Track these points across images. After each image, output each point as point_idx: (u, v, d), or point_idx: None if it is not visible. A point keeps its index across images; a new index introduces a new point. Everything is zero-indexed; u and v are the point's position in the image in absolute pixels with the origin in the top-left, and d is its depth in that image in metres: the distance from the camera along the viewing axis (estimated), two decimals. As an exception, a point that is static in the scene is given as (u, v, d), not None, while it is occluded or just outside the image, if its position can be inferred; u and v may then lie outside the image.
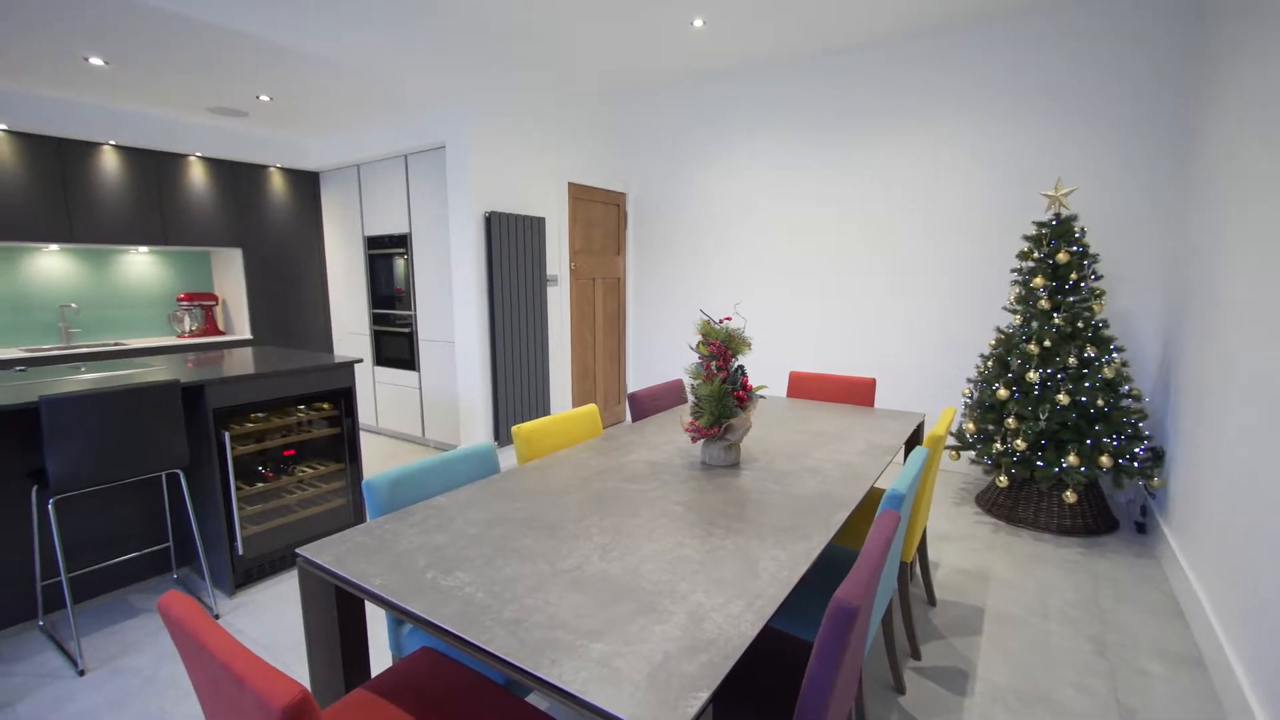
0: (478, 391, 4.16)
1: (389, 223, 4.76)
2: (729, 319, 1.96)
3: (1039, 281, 3.12)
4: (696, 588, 1.20)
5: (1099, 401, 2.93)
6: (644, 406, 2.74)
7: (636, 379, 5.60)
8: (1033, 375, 3.05)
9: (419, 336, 4.73)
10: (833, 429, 2.44)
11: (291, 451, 2.86)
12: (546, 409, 4.62)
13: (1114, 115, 3.43)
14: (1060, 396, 2.94)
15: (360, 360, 3.02)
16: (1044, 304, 3.09)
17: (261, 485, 2.74)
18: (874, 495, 2.45)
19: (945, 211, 3.97)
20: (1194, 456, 2.51)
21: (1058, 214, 3.17)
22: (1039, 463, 3.04)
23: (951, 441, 4.11)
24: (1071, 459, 2.91)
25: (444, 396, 4.61)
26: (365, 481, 1.61)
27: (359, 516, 3.11)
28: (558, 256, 4.68)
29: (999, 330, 3.36)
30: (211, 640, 0.86)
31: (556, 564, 1.30)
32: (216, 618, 2.46)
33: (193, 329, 4.84)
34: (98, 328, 4.49)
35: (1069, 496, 2.95)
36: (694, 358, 5.21)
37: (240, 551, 2.62)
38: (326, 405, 2.99)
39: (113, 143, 4.15)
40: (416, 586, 1.21)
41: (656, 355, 5.44)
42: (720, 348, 1.89)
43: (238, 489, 2.64)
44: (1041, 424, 3.00)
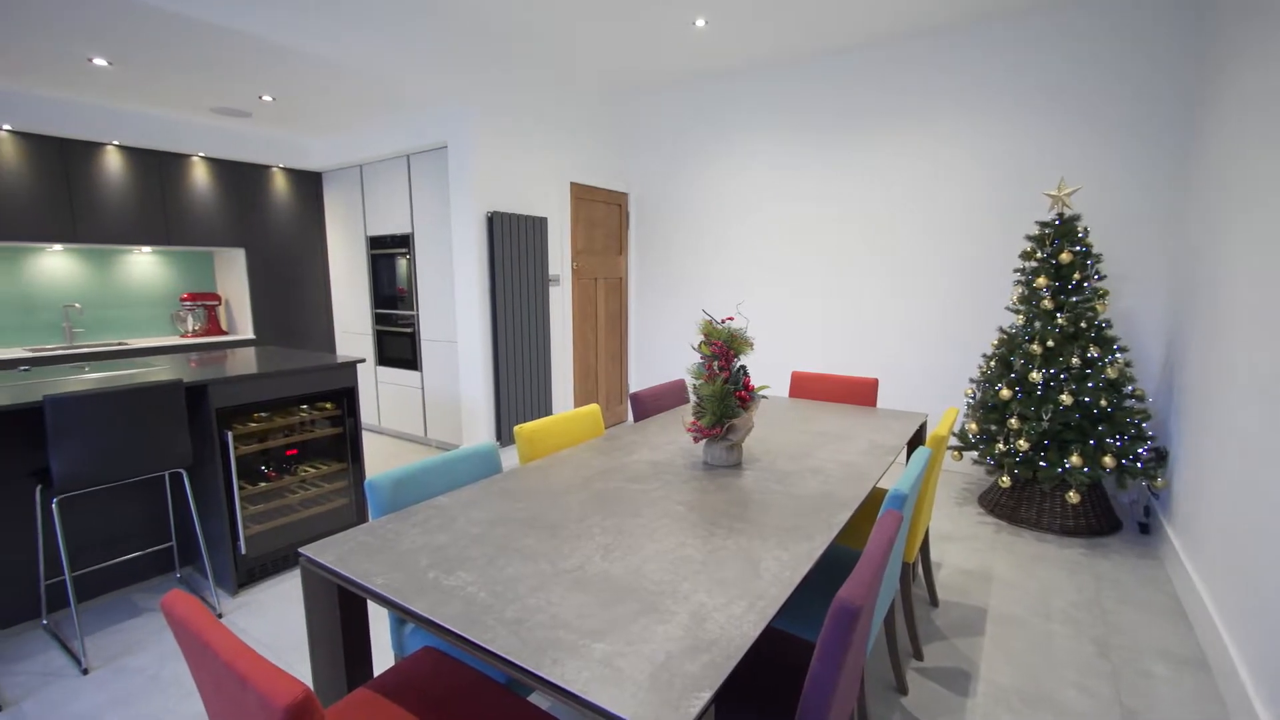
0: (480, 391, 4.16)
1: (391, 223, 4.77)
2: (731, 319, 1.96)
3: (1042, 281, 3.11)
4: (699, 588, 1.20)
5: (1102, 402, 2.93)
6: (646, 406, 2.74)
7: (638, 379, 5.60)
8: (1036, 375, 3.04)
9: (421, 336, 4.73)
10: (835, 429, 2.43)
11: (294, 451, 2.87)
12: (548, 409, 4.62)
13: (1114, 115, 3.42)
14: (1063, 397, 2.94)
15: (363, 360, 3.02)
16: (1047, 304, 3.08)
17: (264, 485, 2.75)
18: (876, 495, 2.45)
19: (946, 211, 3.97)
20: (1197, 457, 2.50)
21: (1061, 214, 3.16)
22: (1042, 463, 3.04)
23: (954, 442, 4.11)
24: (1074, 459, 2.90)
25: (446, 396, 4.62)
26: (368, 481, 1.62)
27: (361, 516, 3.12)
28: (560, 256, 4.68)
29: (1002, 330, 3.36)
30: (215, 639, 0.87)
31: (558, 564, 1.30)
32: (219, 617, 2.46)
33: (196, 329, 4.85)
34: (101, 327, 4.50)
35: (1072, 497, 2.95)
36: (696, 357, 5.20)
37: (243, 551, 2.63)
38: (329, 405, 2.99)
39: (116, 143, 4.17)
40: (419, 586, 1.21)
41: (658, 355, 5.44)
42: (722, 348, 1.89)
43: (240, 488, 2.65)
44: (1044, 424, 3.00)
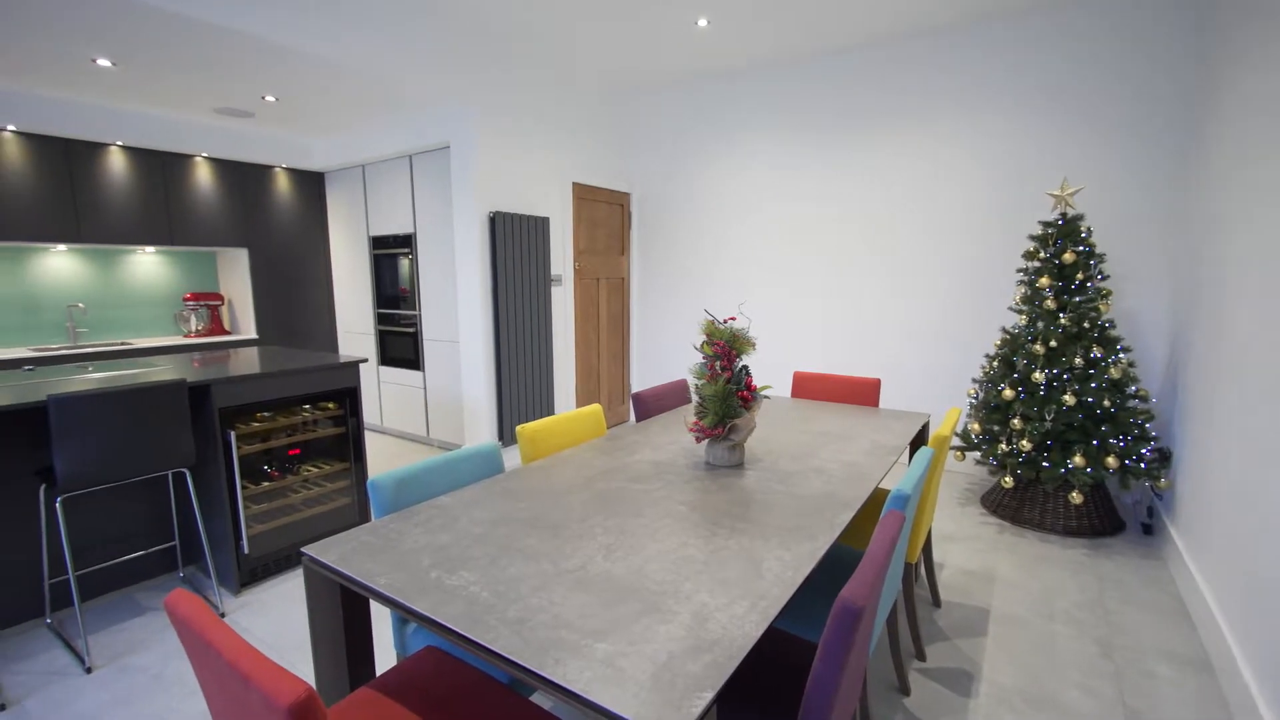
0: (482, 391, 4.16)
1: (394, 223, 4.78)
2: (733, 319, 1.96)
3: (1045, 281, 3.10)
4: (701, 588, 1.20)
5: (1105, 402, 2.92)
6: (648, 406, 2.74)
7: (640, 379, 5.60)
8: (1038, 375, 3.03)
9: (423, 336, 4.74)
10: (837, 429, 2.43)
11: (297, 451, 2.87)
12: (551, 409, 4.62)
13: (1115, 115, 3.41)
14: (1066, 397, 2.93)
15: (365, 360, 3.03)
16: (1050, 304, 3.08)
17: (267, 484, 2.75)
18: (879, 496, 2.44)
19: (946, 211, 3.96)
20: (1201, 457, 2.50)
21: (1064, 214, 3.16)
22: (1044, 463, 3.03)
23: (957, 442, 4.10)
24: (1077, 460, 2.89)
25: (448, 396, 4.62)
26: (370, 481, 1.62)
27: (364, 516, 3.12)
28: (562, 256, 4.68)
29: (1004, 330, 3.35)
30: (218, 638, 0.87)
31: (561, 564, 1.30)
32: (222, 616, 2.47)
33: (199, 329, 4.86)
34: (105, 327, 4.52)
35: (1075, 497, 2.94)
36: (698, 357, 5.20)
37: (246, 550, 2.63)
38: (331, 405, 3.00)
39: (119, 143, 4.18)
40: (421, 586, 1.21)
41: (660, 355, 5.44)
42: (724, 348, 1.89)
43: (243, 488, 2.65)
44: (1047, 424, 2.99)
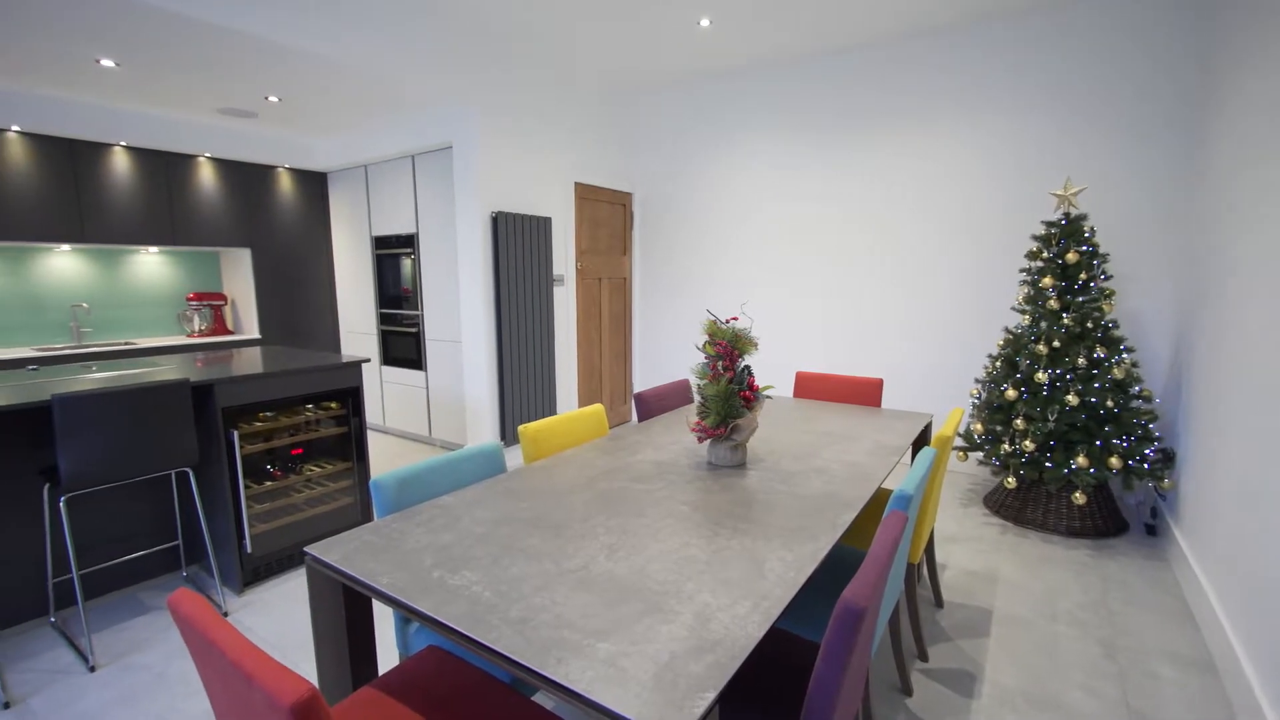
0: (484, 391, 4.17)
1: (396, 223, 4.78)
2: (735, 319, 1.96)
3: (1048, 281, 3.09)
4: (703, 588, 1.20)
5: (1109, 402, 2.91)
6: (650, 406, 2.74)
7: (642, 379, 5.60)
8: (1041, 376, 3.03)
9: (426, 336, 4.74)
10: (839, 429, 2.43)
11: (299, 450, 2.88)
12: (553, 409, 4.62)
13: (1116, 114, 3.40)
14: (1069, 397, 2.92)
15: (367, 360, 3.03)
16: (1053, 304, 3.07)
17: (270, 484, 2.76)
18: (881, 496, 2.44)
19: (948, 211, 3.95)
20: (1205, 458, 2.49)
21: (1067, 213, 3.15)
22: (1048, 464, 3.02)
23: (959, 442, 4.09)
24: (1081, 460, 2.89)
25: (451, 396, 4.63)
26: (373, 480, 1.62)
27: (366, 515, 3.13)
28: (564, 256, 4.68)
29: (1007, 330, 3.34)
30: (221, 637, 0.87)
31: (563, 563, 1.30)
32: (225, 615, 2.47)
33: (202, 328, 4.87)
34: (108, 327, 4.53)
35: (1078, 498, 2.93)
36: (700, 358, 5.20)
37: (249, 549, 2.64)
38: (334, 404, 3.00)
39: (123, 144, 4.19)
40: (423, 585, 1.21)
41: (663, 355, 5.44)
42: (727, 348, 1.89)
43: (246, 487, 2.66)
44: (1050, 425, 2.98)
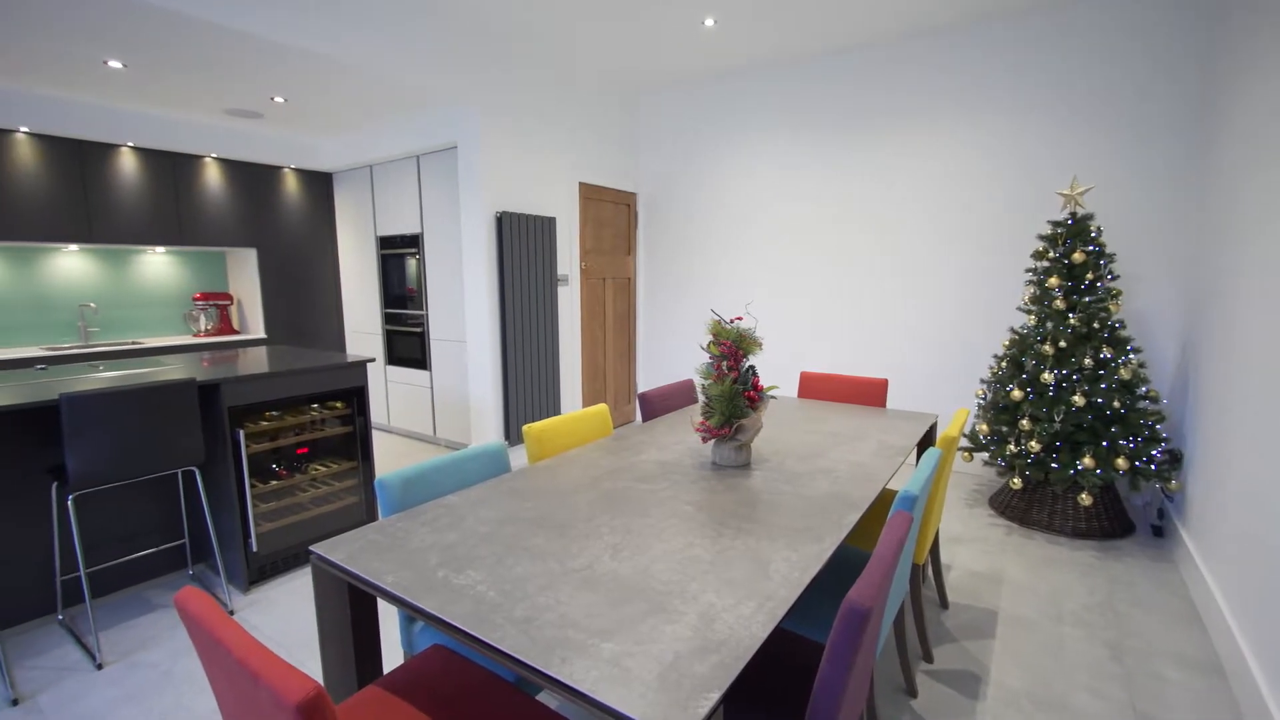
0: (489, 391, 4.17)
1: (401, 223, 4.80)
2: (740, 319, 1.96)
3: (1054, 281, 3.08)
4: (707, 588, 1.20)
5: (1115, 403, 2.89)
6: (654, 406, 2.74)
7: (647, 379, 5.60)
8: (1047, 376, 3.01)
9: (430, 336, 4.75)
10: (844, 430, 2.42)
11: (305, 450, 2.89)
12: (557, 408, 4.63)
13: (1119, 114, 3.39)
14: (1075, 398, 2.91)
15: (372, 359, 3.04)
16: (1059, 304, 3.05)
17: (275, 483, 2.77)
18: (886, 497, 2.43)
19: (952, 211, 3.94)
20: (1213, 459, 2.47)
21: (1073, 213, 3.13)
22: (1053, 465, 3.01)
23: (964, 443, 4.08)
24: (1087, 461, 2.87)
25: (455, 396, 4.64)
26: (377, 480, 1.63)
27: (371, 514, 3.14)
28: (568, 256, 4.69)
29: (1013, 331, 3.33)
30: (227, 636, 0.87)
31: (567, 563, 1.30)
32: (231, 613, 2.48)
33: (208, 328, 4.90)
34: (116, 327, 4.56)
35: (1084, 499, 2.92)
36: (704, 357, 5.20)
37: (254, 548, 2.65)
38: (339, 404, 3.01)
39: (130, 144, 4.21)
40: (428, 584, 1.22)
41: (667, 355, 5.44)
42: (731, 348, 1.88)
43: (252, 486, 2.67)
44: (1056, 425, 2.97)
